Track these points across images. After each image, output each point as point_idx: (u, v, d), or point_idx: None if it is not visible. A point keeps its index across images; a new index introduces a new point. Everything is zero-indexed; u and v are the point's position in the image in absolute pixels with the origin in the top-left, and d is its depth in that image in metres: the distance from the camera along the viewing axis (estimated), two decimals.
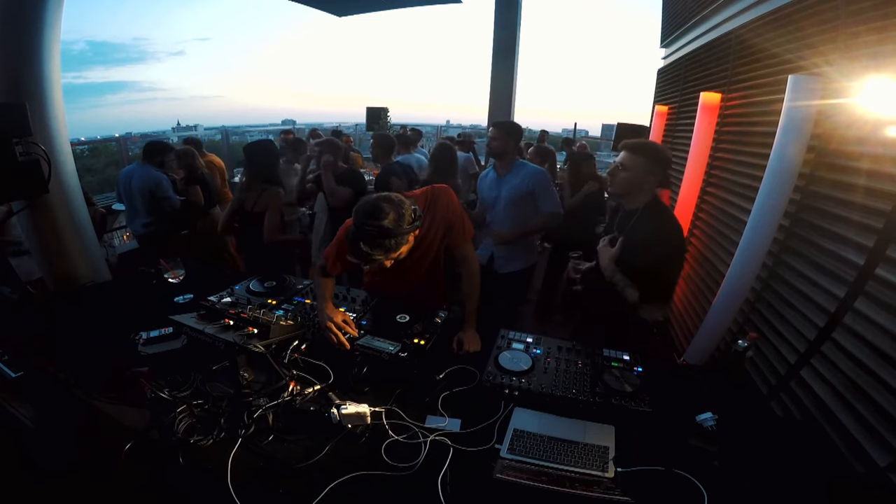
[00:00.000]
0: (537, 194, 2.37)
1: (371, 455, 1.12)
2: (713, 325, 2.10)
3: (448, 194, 1.62)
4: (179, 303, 1.82)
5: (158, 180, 3.16)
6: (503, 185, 2.41)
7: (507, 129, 2.39)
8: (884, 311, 1.35)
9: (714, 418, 1.20)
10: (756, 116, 2.42)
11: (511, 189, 2.38)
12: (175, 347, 1.46)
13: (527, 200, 2.38)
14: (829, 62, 1.74)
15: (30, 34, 1.97)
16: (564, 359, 1.48)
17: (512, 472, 1.06)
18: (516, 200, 2.38)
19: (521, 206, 2.39)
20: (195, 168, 3.43)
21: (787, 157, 1.78)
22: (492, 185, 2.48)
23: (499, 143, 2.36)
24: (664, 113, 4.34)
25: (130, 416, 1.21)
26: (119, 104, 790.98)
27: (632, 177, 1.60)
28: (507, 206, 2.40)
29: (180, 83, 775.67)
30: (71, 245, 2.25)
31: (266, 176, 2.46)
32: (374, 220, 1.30)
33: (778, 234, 1.92)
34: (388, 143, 3.22)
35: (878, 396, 1.31)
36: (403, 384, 1.37)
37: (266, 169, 2.49)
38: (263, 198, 2.40)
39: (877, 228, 1.42)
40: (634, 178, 1.60)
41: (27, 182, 1.85)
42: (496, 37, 6.85)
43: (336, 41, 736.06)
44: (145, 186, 3.13)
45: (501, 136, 2.36)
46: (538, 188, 2.36)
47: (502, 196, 2.41)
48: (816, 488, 1.10)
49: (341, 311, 1.60)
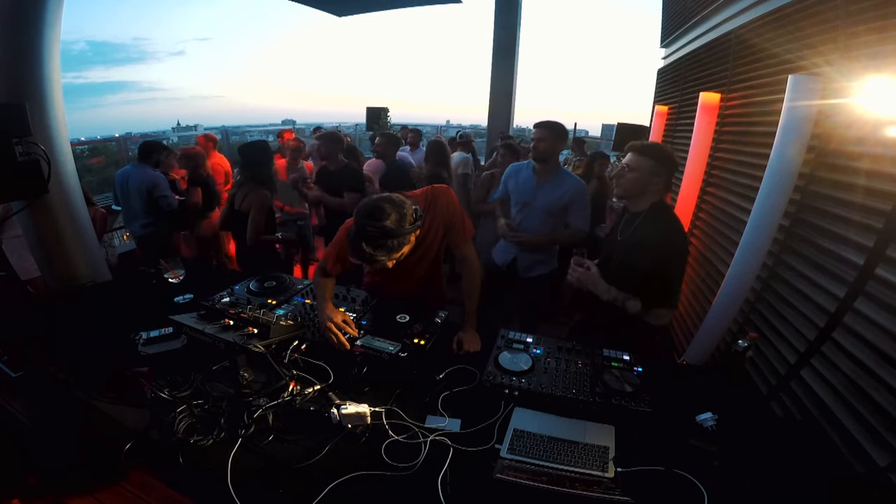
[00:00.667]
0: (572, 209, 2.27)
1: (371, 455, 1.12)
2: (713, 325, 2.10)
3: (448, 194, 1.62)
4: (179, 303, 1.82)
5: (156, 180, 3.15)
6: (541, 191, 2.27)
7: (555, 131, 2.21)
8: (884, 311, 1.35)
9: (714, 418, 1.20)
10: (756, 116, 2.42)
11: (550, 198, 2.26)
12: (175, 347, 1.46)
13: (562, 213, 2.30)
14: (829, 62, 1.74)
15: (30, 34, 1.96)
16: (564, 359, 1.48)
17: (512, 472, 1.06)
18: (553, 211, 2.28)
19: (555, 216, 2.31)
20: (199, 170, 3.41)
21: (787, 157, 1.77)
22: (527, 186, 2.32)
23: (547, 144, 2.20)
24: (664, 113, 4.34)
25: (130, 416, 1.21)
26: (119, 104, 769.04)
27: (638, 178, 1.60)
28: (542, 213, 2.29)
29: (180, 83, 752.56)
30: (71, 245, 2.24)
31: (258, 178, 2.47)
32: (375, 221, 1.30)
33: (778, 234, 1.92)
34: (395, 141, 3.28)
35: (878, 396, 1.31)
36: (403, 384, 1.37)
37: (259, 169, 2.50)
38: (249, 198, 2.42)
39: (877, 228, 1.42)
40: (640, 179, 1.60)
41: (27, 182, 1.85)
42: (496, 37, 6.85)
43: (336, 41, 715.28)
44: (142, 187, 3.13)
45: (550, 138, 2.20)
46: (576, 204, 2.25)
47: (539, 203, 2.28)
48: (816, 488, 1.10)
49: (341, 311, 1.60)
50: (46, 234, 2.19)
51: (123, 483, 1.12)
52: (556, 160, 2.30)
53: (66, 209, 2.21)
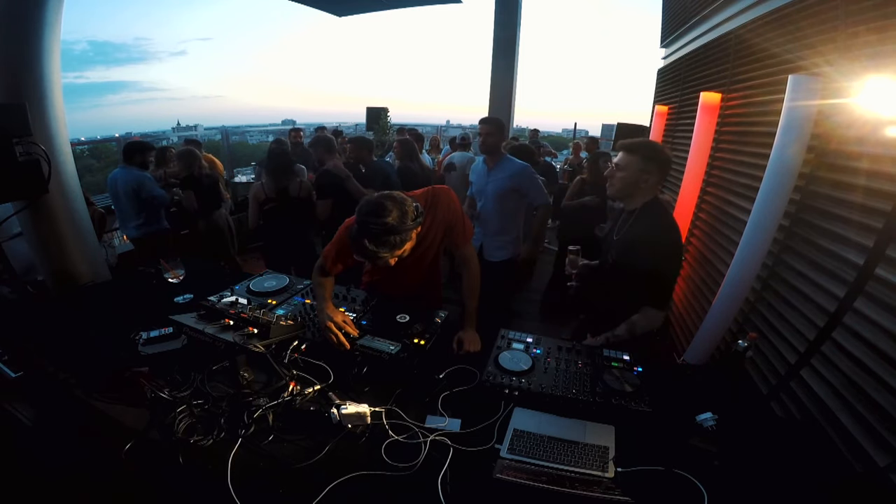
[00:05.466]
0: (524, 190, 2.53)
1: (371, 455, 1.12)
2: (713, 325, 2.10)
3: (449, 195, 1.62)
4: (179, 303, 1.82)
5: (141, 180, 3.14)
6: (490, 177, 2.56)
7: (498, 125, 2.55)
8: (884, 311, 1.35)
9: (714, 418, 1.20)
10: (756, 116, 2.42)
11: (497, 183, 2.53)
12: (175, 347, 1.46)
13: (512, 196, 2.55)
14: (829, 62, 1.74)
15: (30, 34, 1.96)
16: (564, 359, 1.48)
17: (512, 472, 1.06)
18: (502, 195, 2.54)
19: (507, 201, 2.56)
20: (192, 169, 3.36)
21: (787, 157, 1.78)
22: (481, 176, 2.63)
23: (494, 138, 2.51)
24: (664, 113, 4.34)
25: (130, 416, 1.21)
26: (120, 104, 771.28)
27: (628, 176, 1.57)
28: (494, 198, 2.56)
29: (181, 83, 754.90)
30: (71, 245, 2.24)
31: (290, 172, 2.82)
32: (378, 218, 1.30)
33: (778, 234, 1.92)
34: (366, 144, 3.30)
35: (878, 396, 1.31)
36: (403, 384, 1.37)
37: (291, 166, 2.84)
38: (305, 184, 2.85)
39: (877, 228, 1.42)
40: (630, 177, 1.57)
41: (27, 182, 1.85)
42: (496, 37, 6.86)
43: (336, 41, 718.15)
44: (129, 188, 3.12)
45: (495, 132, 2.51)
46: (524, 184, 2.52)
47: (489, 190, 2.56)
48: (816, 488, 1.10)
49: (341, 311, 1.60)
50: (46, 234, 2.19)
51: (123, 483, 1.12)
52: (500, 150, 2.59)
53: (66, 209, 2.21)
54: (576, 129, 10.76)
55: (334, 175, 2.75)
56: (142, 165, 3.23)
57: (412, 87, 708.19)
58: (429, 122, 35.75)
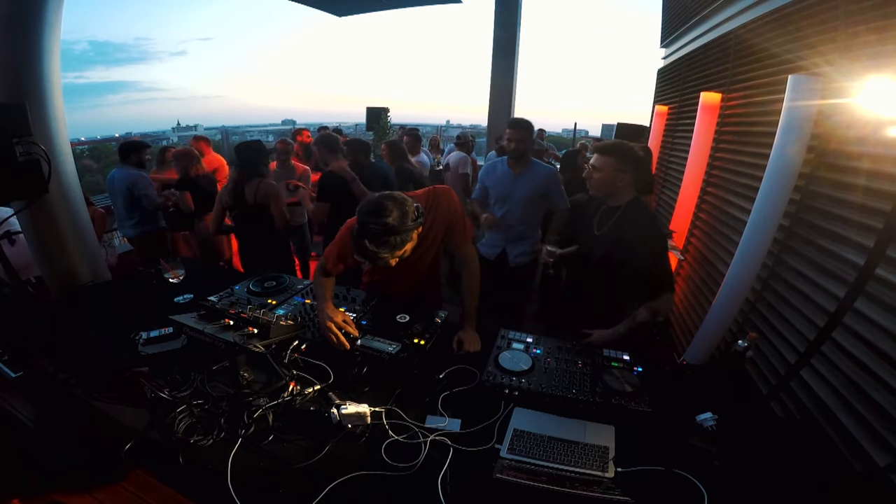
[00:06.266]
0: (550, 195, 2.48)
1: (371, 455, 1.12)
2: (713, 325, 2.10)
3: (449, 195, 1.62)
4: (179, 303, 1.82)
5: (135, 178, 3.12)
6: (518, 183, 2.44)
7: (529, 129, 2.38)
8: (884, 311, 1.35)
9: (714, 418, 1.20)
10: (756, 116, 2.42)
11: (527, 188, 2.43)
12: (175, 347, 1.46)
13: (539, 201, 2.50)
14: (829, 62, 1.74)
15: (30, 34, 1.96)
16: (564, 359, 1.48)
17: (512, 472, 1.06)
18: (531, 200, 2.46)
19: (535, 204, 2.50)
20: (188, 171, 3.29)
21: (787, 157, 1.78)
22: (504, 180, 2.48)
23: (526, 145, 2.37)
24: (664, 113, 4.34)
25: (130, 416, 1.21)
26: (120, 104, 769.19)
27: (604, 177, 1.64)
28: (522, 204, 2.46)
29: (182, 83, 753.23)
30: (71, 245, 2.25)
31: (257, 173, 2.57)
32: (378, 218, 1.30)
33: (778, 234, 1.92)
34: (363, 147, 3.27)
35: (878, 396, 1.31)
36: (403, 384, 1.37)
37: (257, 167, 2.58)
38: (262, 189, 2.56)
39: (877, 228, 1.42)
40: (606, 178, 1.64)
41: (27, 182, 1.85)
42: (496, 37, 6.84)
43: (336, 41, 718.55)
44: (124, 186, 3.11)
45: (528, 137, 2.37)
46: (552, 189, 2.46)
47: (518, 194, 2.45)
48: (816, 488, 1.10)
49: (341, 311, 1.60)
50: (46, 234, 2.19)
51: (123, 483, 1.12)
52: (529, 155, 2.47)
53: (66, 209, 2.21)
54: (576, 129, 10.76)
55: (338, 177, 2.73)
56: (138, 164, 3.21)
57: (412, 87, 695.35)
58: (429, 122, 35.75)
